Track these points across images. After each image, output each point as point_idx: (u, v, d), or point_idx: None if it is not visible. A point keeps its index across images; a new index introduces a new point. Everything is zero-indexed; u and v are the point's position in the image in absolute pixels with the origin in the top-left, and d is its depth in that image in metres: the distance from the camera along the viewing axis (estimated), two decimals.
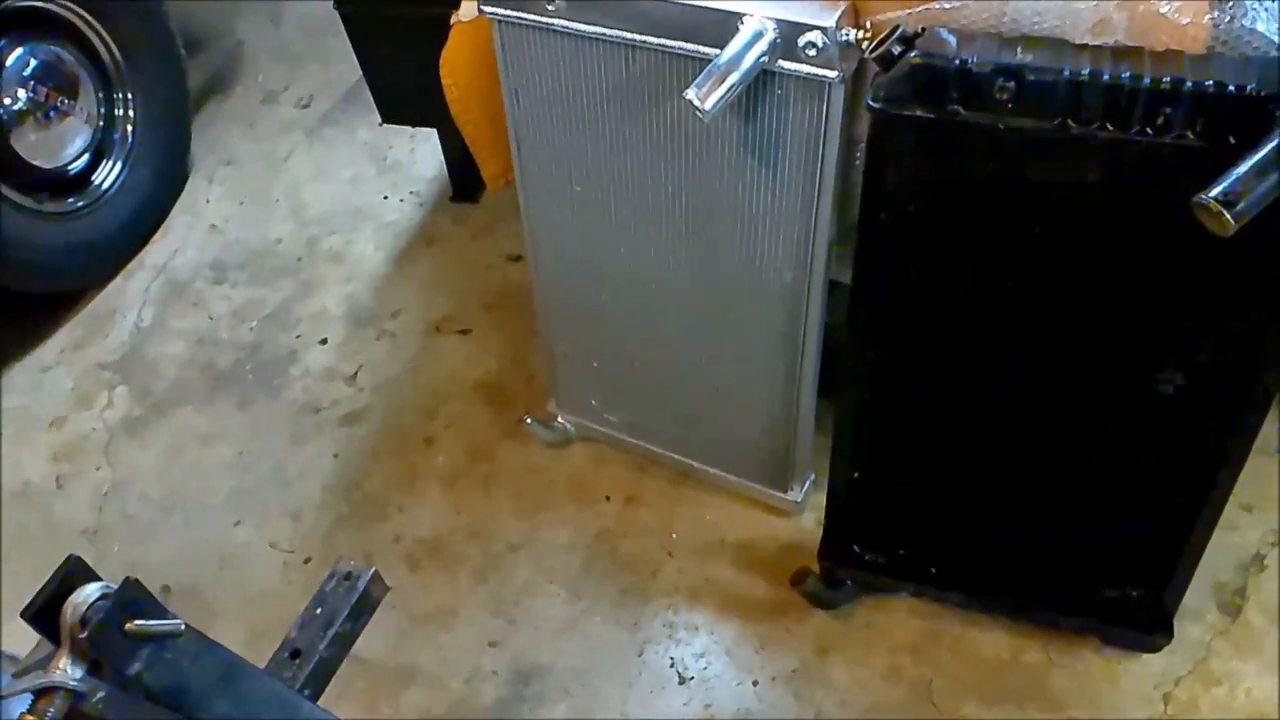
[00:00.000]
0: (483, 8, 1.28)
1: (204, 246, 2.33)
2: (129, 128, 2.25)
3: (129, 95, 2.24)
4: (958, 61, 1.01)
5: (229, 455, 1.91)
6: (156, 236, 2.36)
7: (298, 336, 2.10)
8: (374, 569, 1.16)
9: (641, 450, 1.73)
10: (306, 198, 2.41)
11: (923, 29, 1.03)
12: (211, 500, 1.85)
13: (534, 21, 1.26)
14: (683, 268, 1.42)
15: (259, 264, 2.27)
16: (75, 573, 0.83)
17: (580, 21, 1.23)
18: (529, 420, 1.78)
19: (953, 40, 1.03)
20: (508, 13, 1.27)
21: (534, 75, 1.33)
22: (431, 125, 2.08)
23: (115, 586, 0.83)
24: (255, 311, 2.17)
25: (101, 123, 2.21)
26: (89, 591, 0.81)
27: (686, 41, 1.18)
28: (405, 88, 1.86)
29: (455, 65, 1.44)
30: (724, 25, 1.14)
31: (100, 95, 2.20)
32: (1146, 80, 0.96)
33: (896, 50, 1.03)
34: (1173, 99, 0.96)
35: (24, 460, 1.97)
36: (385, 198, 2.37)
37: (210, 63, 2.82)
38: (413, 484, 1.80)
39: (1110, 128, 0.99)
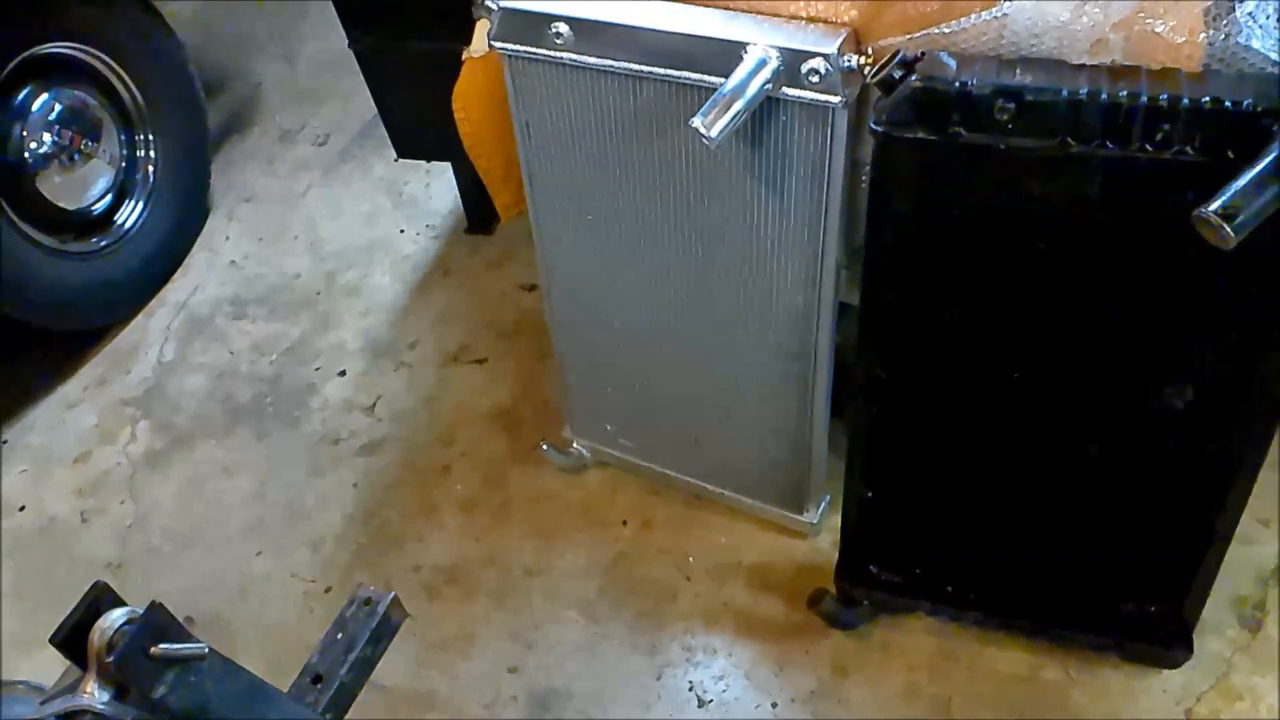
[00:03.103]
0: (493, 43, 1.31)
1: (224, 283, 2.37)
2: (150, 169, 2.30)
3: (150, 137, 2.29)
4: (958, 84, 1.03)
5: (249, 487, 1.94)
6: (177, 274, 2.40)
7: (316, 369, 2.13)
8: (393, 593, 1.18)
9: (656, 474, 1.74)
10: (324, 233, 2.45)
11: (923, 54, 1.05)
12: (232, 531, 1.87)
13: (543, 56, 1.29)
14: (694, 293, 1.44)
15: (278, 299, 2.31)
16: (102, 599, 0.85)
17: (588, 54, 1.26)
18: (545, 446, 1.79)
19: (952, 63, 1.05)
20: (517, 48, 1.30)
21: (544, 108, 1.36)
22: (446, 159, 2.12)
23: (141, 611, 0.85)
24: (275, 345, 2.20)
25: (124, 164, 2.26)
26: (115, 617, 0.83)
27: (691, 71, 1.21)
28: (420, 123, 1.89)
29: (467, 99, 1.48)
30: (728, 54, 1.17)
31: (122, 138, 2.25)
32: (1144, 98, 0.98)
33: (897, 74, 1.05)
34: (1171, 116, 0.97)
35: (48, 497, 2.00)
36: (401, 231, 2.40)
37: (229, 103, 2.88)
38: (430, 512, 1.82)
39: (1110, 145, 1.00)
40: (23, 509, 1.98)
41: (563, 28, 1.25)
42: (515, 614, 1.65)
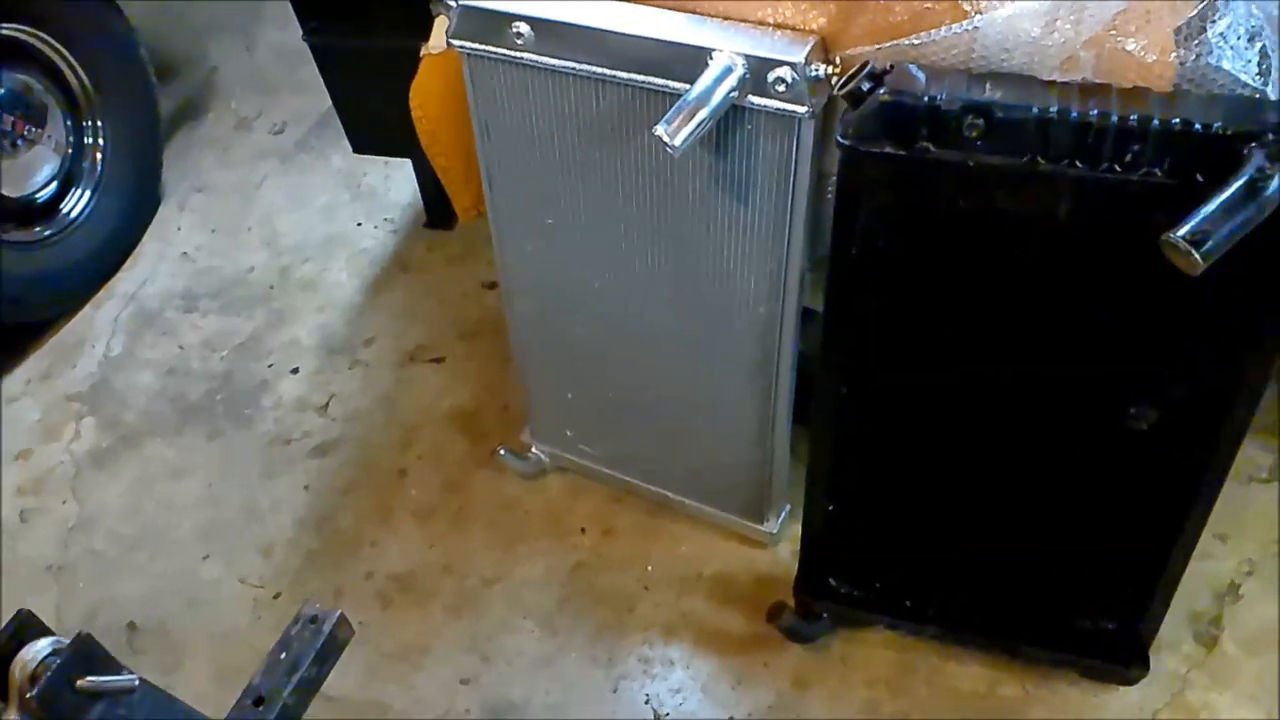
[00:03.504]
0: (451, 41, 1.27)
1: (175, 275, 2.31)
2: (98, 155, 2.23)
3: (99, 123, 2.22)
4: (926, 98, 1.00)
5: (198, 489, 1.89)
6: (126, 265, 2.33)
7: (269, 366, 2.08)
8: (340, 611, 1.14)
9: (618, 481, 1.71)
10: (280, 226, 2.39)
11: (891, 66, 1.02)
12: (180, 535, 1.82)
13: (503, 55, 1.25)
14: (656, 301, 1.41)
15: (231, 293, 2.25)
16: (26, 628, 0.81)
17: (549, 56, 1.22)
18: (503, 451, 1.76)
19: (921, 77, 1.02)
20: (477, 46, 1.26)
21: (504, 108, 1.32)
22: (404, 156, 2.07)
23: (67, 641, 0.81)
24: (226, 341, 2.14)
25: (70, 150, 2.19)
26: (39, 648, 0.80)
27: (656, 76, 1.18)
28: (376, 118, 1.84)
29: (425, 97, 1.43)
30: (693, 60, 1.14)
31: (69, 123, 2.18)
32: (1115, 118, 0.96)
33: (865, 87, 1.03)
34: (1141, 136, 0.95)
35: None
36: (359, 225, 2.35)
37: (183, 89, 2.80)
38: (385, 518, 1.78)
39: (1079, 165, 0.98)
40: None
41: (523, 27, 1.22)
42: (472, 624, 1.61)
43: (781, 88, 1.12)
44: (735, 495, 1.61)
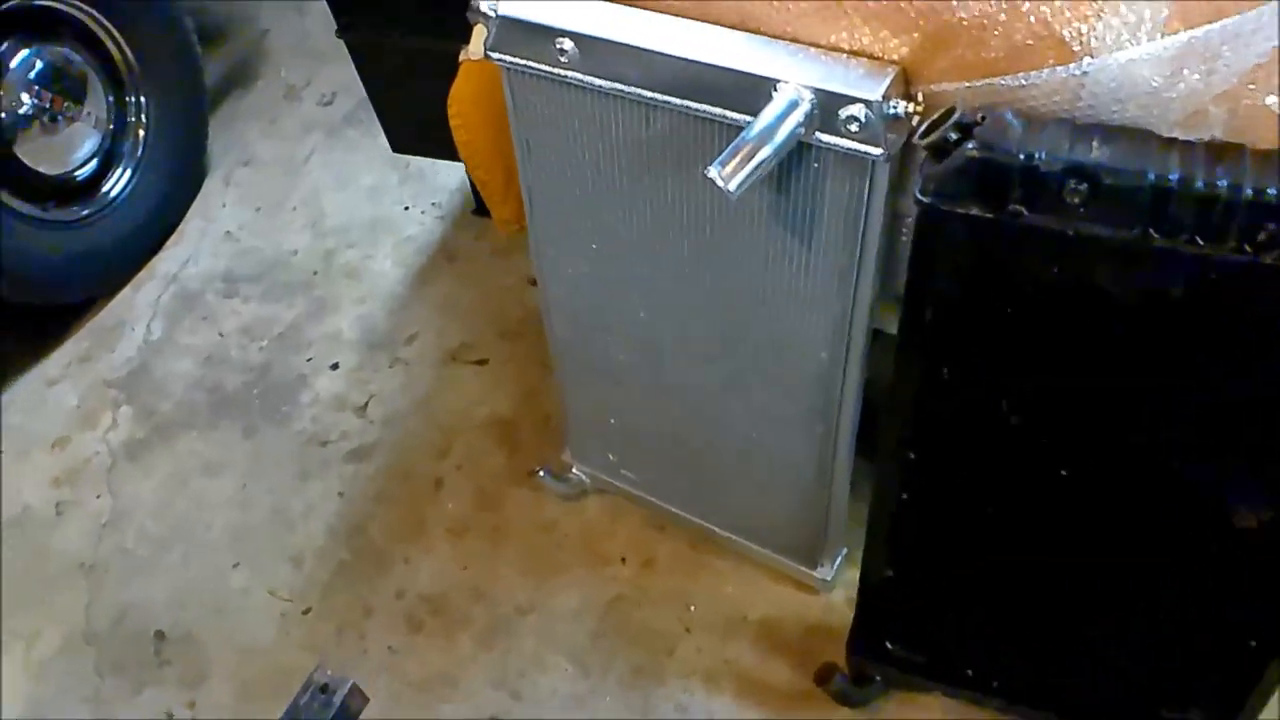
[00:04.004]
0: (490, 53, 1.15)
1: (217, 255, 2.24)
2: (141, 132, 2.16)
3: (142, 98, 2.14)
4: (1022, 156, 0.87)
5: (231, 488, 1.83)
6: (169, 242, 2.27)
7: (308, 360, 2.00)
8: (352, 682, 1.06)
9: (661, 509, 1.61)
10: (325, 205, 2.30)
11: (982, 117, 0.88)
12: (211, 537, 1.76)
13: (545, 72, 1.13)
14: (704, 336, 1.30)
15: (273, 277, 2.18)
16: None
17: (595, 75, 1.10)
18: (542, 473, 1.66)
19: (1018, 127, 0.89)
20: (517, 60, 1.14)
21: (546, 127, 1.20)
22: (445, 158, 1.96)
23: None
24: (266, 330, 2.08)
25: (111, 127, 2.12)
26: None
27: (712, 105, 1.05)
28: (415, 119, 1.74)
29: (464, 105, 1.32)
30: (755, 90, 1.01)
31: (111, 98, 2.11)
32: (1248, 190, 0.81)
33: (952, 137, 0.89)
34: (1277, 213, 0.81)
35: (25, 483, 1.90)
36: (406, 208, 2.25)
37: (233, 54, 2.71)
38: (419, 532, 1.70)
39: (1201, 241, 0.84)
40: None
41: (568, 44, 1.09)
42: (502, 656, 1.54)
43: (854, 126, 0.98)
44: (787, 536, 1.50)
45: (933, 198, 0.91)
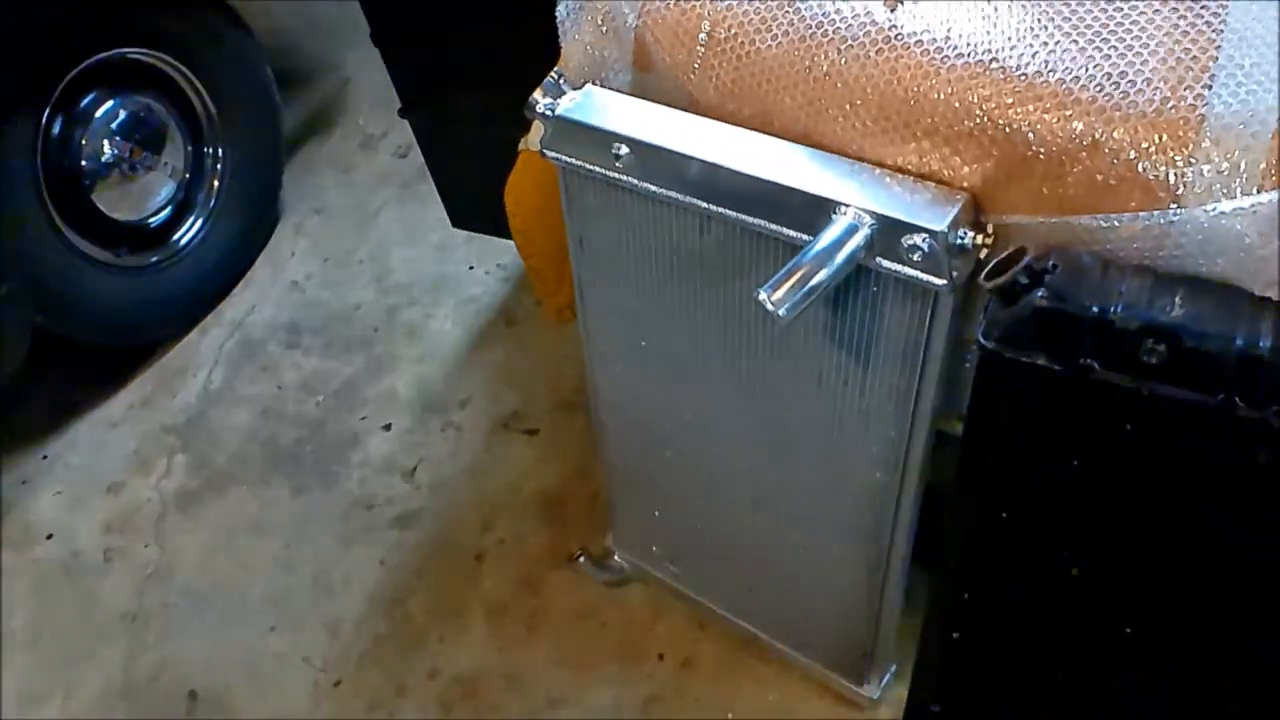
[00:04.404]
0: (545, 150, 1.12)
1: (282, 305, 2.25)
2: (216, 182, 2.19)
3: (219, 150, 2.17)
4: (1096, 309, 0.80)
5: (275, 548, 1.82)
6: (237, 288, 2.29)
7: (362, 419, 2.00)
8: None
9: (703, 606, 1.55)
10: (392, 261, 2.31)
11: (1054, 264, 0.82)
12: (251, 598, 1.75)
13: (600, 174, 1.10)
14: (754, 446, 1.24)
15: (335, 330, 2.18)
16: None
17: (650, 182, 1.06)
18: (583, 560, 1.62)
19: (1094, 275, 0.82)
20: (571, 160, 1.11)
21: (600, 226, 1.17)
22: (503, 236, 1.94)
23: None
24: (324, 385, 2.07)
25: (187, 176, 2.15)
26: None
27: (767, 220, 1.00)
28: (474, 198, 1.72)
29: (520, 194, 1.30)
30: (815, 211, 0.96)
31: (189, 148, 2.14)
32: None
33: (1022, 281, 0.83)
34: None
35: (79, 527, 1.92)
36: (470, 268, 2.25)
37: (313, 100, 2.75)
38: (457, 609, 1.67)
39: None
40: (50, 538, 1.90)
41: (623, 149, 1.06)
42: None
43: (917, 255, 0.93)
44: (833, 649, 1.43)
45: (996, 344, 0.85)
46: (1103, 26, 0.88)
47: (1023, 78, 0.88)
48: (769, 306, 0.93)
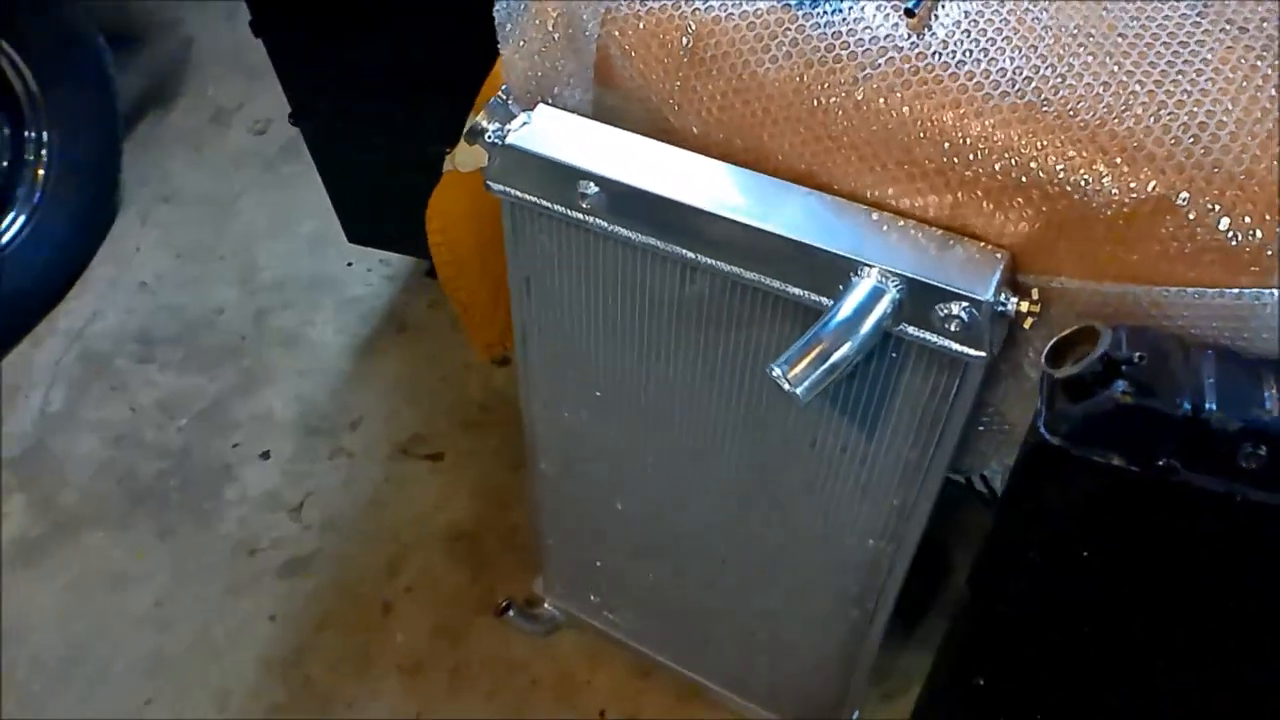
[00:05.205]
0: (491, 184, 0.94)
1: (130, 310, 1.97)
2: (40, 172, 1.87)
3: (43, 133, 1.86)
4: (1187, 407, 0.69)
5: (146, 604, 1.58)
6: (72, 292, 1.99)
7: (235, 446, 1.76)
8: None
9: (646, 656, 1.42)
10: (258, 256, 2.05)
11: (1140, 355, 0.70)
12: (121, 667, 1.52)
13: (560, 214, 0.92)
14: (727, 505, 1.11)
15: (195, 340, 1.92)
16: None
17: (625, 227, 0.90)
18: (510, 612, 1.45)
19: (1178, 359, 0.71)
20: (524, 196, 0.93)
21: (555, 269, 0.99)
22: (408, 254, 1.73)
23: None
24: (187, 405, 1.82)
25: (5, 164, 1.83)
26: None
27: (771, 277, 0.85)
28: (379, 212, 1.50)
29: (447, 221, 1.10)
30: (828, 270, 0.82)
31: (6, 133, 1.82)
32: None
33: (1098, 369, 0.71)
34: None
35: None
36: (350, 265, 2.01)
37: (152, 65, 2.42)
38: (365, 669, 1.49)
39: None
40: None
41: (591, 187, 0.89)
42: None
43: (955, 326, 0.80)
44: (795, 703, 1.32)
45: (1063, 441, 0.73)
46: (1169, 65, 0.76)
47: (1082, 124, 0.75)
48: (785, 385, 0.79)
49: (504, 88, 0.91)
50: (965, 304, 0.79)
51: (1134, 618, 0.82)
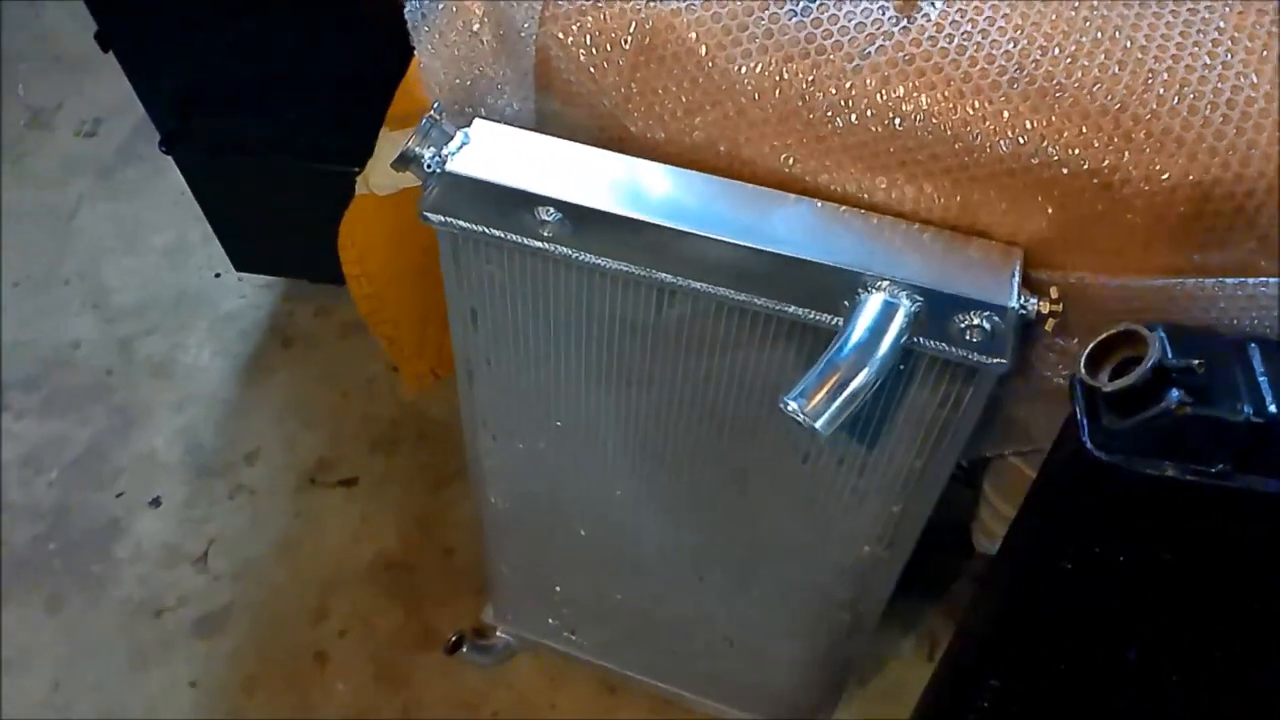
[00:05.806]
0: (428, 214, 0.81)
1: None
2: None
3: None
4: (1248, 410, 0.65)
5: (41, 691, 1.41)
6: None
7: (119, 496, 1.58)
8: None
9: (612, 671, 1.35)
10: (109, 277, 1.84)
11: (1199, 361, 0.65)
12: None
13: (514, 243, 0.81)
14: (707, 522, 1.03)
15: (53, 381, 1.71)
16: None
17: (590, 253, 0.79)
18: (464, 649, 1.35)
19: (1230, 358, 0.67)
20: (470, 227, 0.81)
21: (505, 299, 0.88)
22: (307, 279, 1.56)
23: None
24: (56, 456, 1.62)
25: None
26: None
27: (761, 297, 0.77)
28: (269, 238, 1.33)
29: (364, 247, 0.97)
30: (828, 285, 0.74)
31: None
32: None
33: (1149, 376, 0.66)
34: None
35: None
36: (218, 275, 1.82)
37: None
38: None
39: None
40: None
41: (551, 213, 0.78)
42: None
43: (976, 336, 0.73)
44: (778, 704, 1.28)
45: (1114, 456, 0.68)
46: (1183, 36, 0.70)
47: (1102, 109, 0.69)
48: (801, 419, 0.71)
49: (436, 104, 0.79)
50: (988, 313, 0.72)
51: (1168, 621, 0.79)
